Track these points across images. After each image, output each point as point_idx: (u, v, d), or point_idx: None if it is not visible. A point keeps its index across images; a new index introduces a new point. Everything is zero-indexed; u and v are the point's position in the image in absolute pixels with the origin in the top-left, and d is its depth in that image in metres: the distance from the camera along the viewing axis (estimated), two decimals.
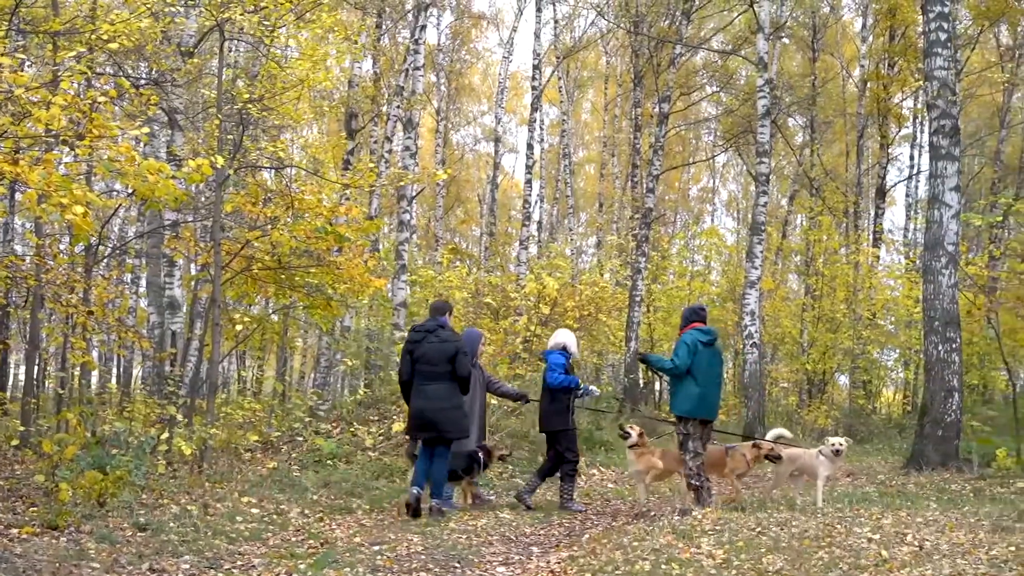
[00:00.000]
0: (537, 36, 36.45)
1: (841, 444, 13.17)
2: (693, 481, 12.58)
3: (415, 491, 12.07)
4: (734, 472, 13.52)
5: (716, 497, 12.96)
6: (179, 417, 14.60)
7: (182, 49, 18.74)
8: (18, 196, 20.61)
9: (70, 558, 8.35)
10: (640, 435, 13.30)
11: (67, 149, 12.88)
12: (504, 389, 14.86)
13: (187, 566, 8.42)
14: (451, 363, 12.41)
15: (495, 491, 14.88)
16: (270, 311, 25.44)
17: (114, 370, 31.40)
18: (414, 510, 11.97)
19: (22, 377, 30.07)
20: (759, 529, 9.90)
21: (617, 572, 8.38)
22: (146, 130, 11.45)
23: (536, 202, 42.72)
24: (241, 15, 15.00)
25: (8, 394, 22.96)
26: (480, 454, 13.44)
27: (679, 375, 12.48)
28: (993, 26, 36.14)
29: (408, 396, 12.79)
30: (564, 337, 14.04)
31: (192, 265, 24.87)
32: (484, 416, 14.42)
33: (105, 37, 12.31)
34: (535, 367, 20.56)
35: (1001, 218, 24.39)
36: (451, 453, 12.64)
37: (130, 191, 16.15)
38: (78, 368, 19.34)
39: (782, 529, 9.92)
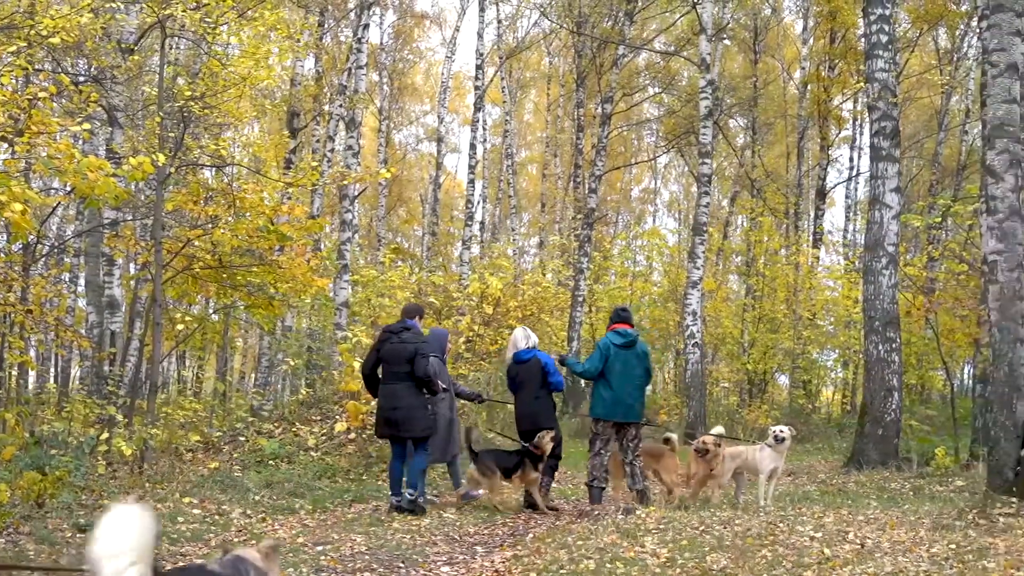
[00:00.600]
0: (480, 36, 36.52)
1: (783, 431, 13.15)
2: (594, 483, 12.87)
3: (395, 500, 12.49)
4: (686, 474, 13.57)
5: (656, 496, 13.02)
6: (119, 417, 14.45)
7: (122, 46, 18.55)
8: None
9: (9, 559, 8.24)
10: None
11: (3, 146, 12.72)
12: (459, 389, 14.86)
13: None
14: (410, 363, 12.59)
15: (438, 491, 14.85)
16: (211, 311, 25.23)
17: (52, 370, 31.02)
18: (416, 506, 12.44)
19: None
20: (702, 528, 9.94)
21: (562, 571, 8.37)
22: (87, 126, 11.29)
23: (479, 202, 42.75)
24: (183, 12, 14.88)
25: None
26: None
27: (593, 378, 12.70)
28: (931, 30, 36.53)
29: (372, 389, 13.12)
30: (529, 332, 14.31)
31: (132, 264, 24.68)
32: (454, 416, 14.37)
33: (44, 33, 12.17)
34: (478, 367, 20.55)
35: (940, 219, 24.65)
36: (495, 453, 13.35)
37: (69, 189, 15.98)
38: (15, 368, 19.08)
39: (725, 528, 9.97)
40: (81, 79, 17.64)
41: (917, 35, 36.03)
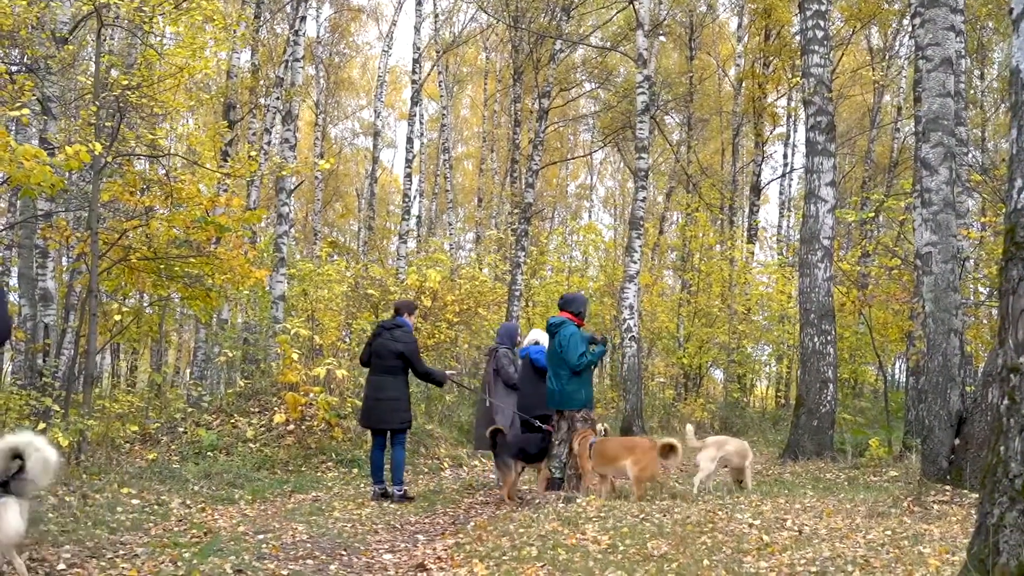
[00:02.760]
0: (417, 30, 36.51)
1: None
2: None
3: (377, 487, 13.02)
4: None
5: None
6: (55, 408, 14.32)
7: (56, 35, 18.36)
8: None
9: None
10: None
11: None
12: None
13: (68, 555, 8.26)
14: (399, 359, 13.24)
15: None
16: (146, 304, 25.04)
17: None
18: (389, 495, 12.90)
19: None
20: (642, 516, 10.01)
21: (504, 557, 8.40)
22: (26, 111, 11.20)
23: (415, 197, 42.67)
24: (119, 0, 14.77)
25: None
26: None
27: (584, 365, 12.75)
28: (864, 28, 36.89)
29: None
30: (539, 335, 14.56)
31: (64, 257, 24.41)
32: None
33: None
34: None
35: (873, 214, 24.90)
36: (522, 440, 13.45)
37: (3, 179, 15.80)
38: None
39: (665, 516, 10.04)
40: (13, 69, 17.45)
41: (850, 33, 36.34)
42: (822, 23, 18.23)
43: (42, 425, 13.26)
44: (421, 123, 42.11)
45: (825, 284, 17.58)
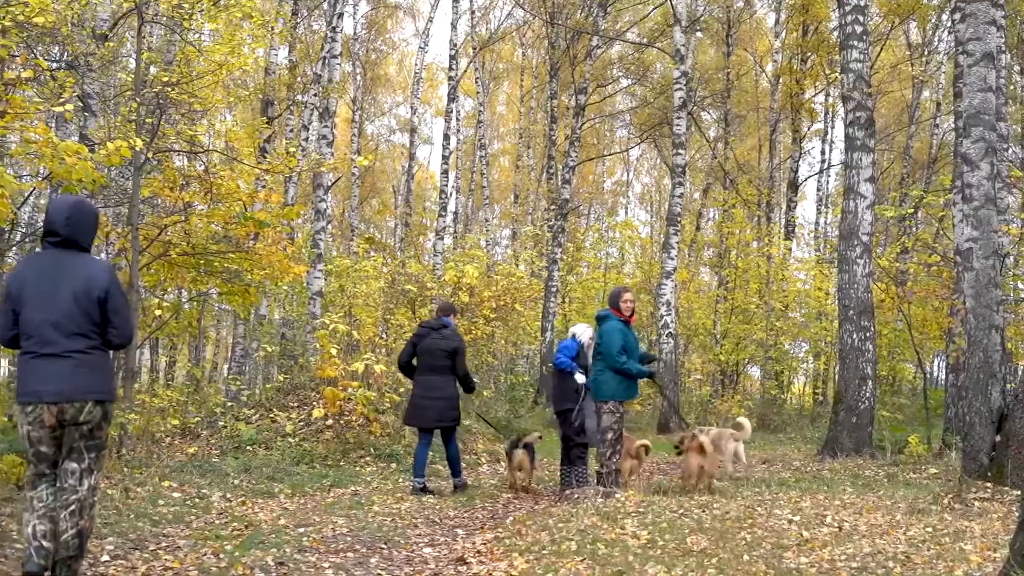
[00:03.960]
0: (454, 27, 36.52)
1: None
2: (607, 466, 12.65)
3: (417, 481, 13.08)
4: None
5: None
6: None
7: (96, 33, 18.47)
8: None
9: None
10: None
11: None
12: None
13: (112, 547, 8.32)
14: (449, 358, 13.45)
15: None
16: (184, 300, 25.16)
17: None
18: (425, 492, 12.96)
19: None
20: (681, 511, 10.01)
21: (544, 552, 8.41)
22: (70, 106, 11.28)
23: (452, 193, 42.72)
24: None
25: None
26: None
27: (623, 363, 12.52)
28: (903, 23, 36.70)
29: (409, 375, 14.03)
30: (576, 328, 14.52)
31: (104, 252, 24.56)
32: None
33: (20, 18, 12.12)
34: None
35: (912, 210, 24.75)
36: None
37: (45, 175, 15.89)
38: None
39: (704, 511, 10.03)
40: (54, 66, 17.57)
41: (889, 28, 36.16)
42: (861, 18, 18.14)
43: None
44: (457, 120, 42.20)
45: (864, 280, 17.49)
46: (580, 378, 13.61)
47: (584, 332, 14.30)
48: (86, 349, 6.64)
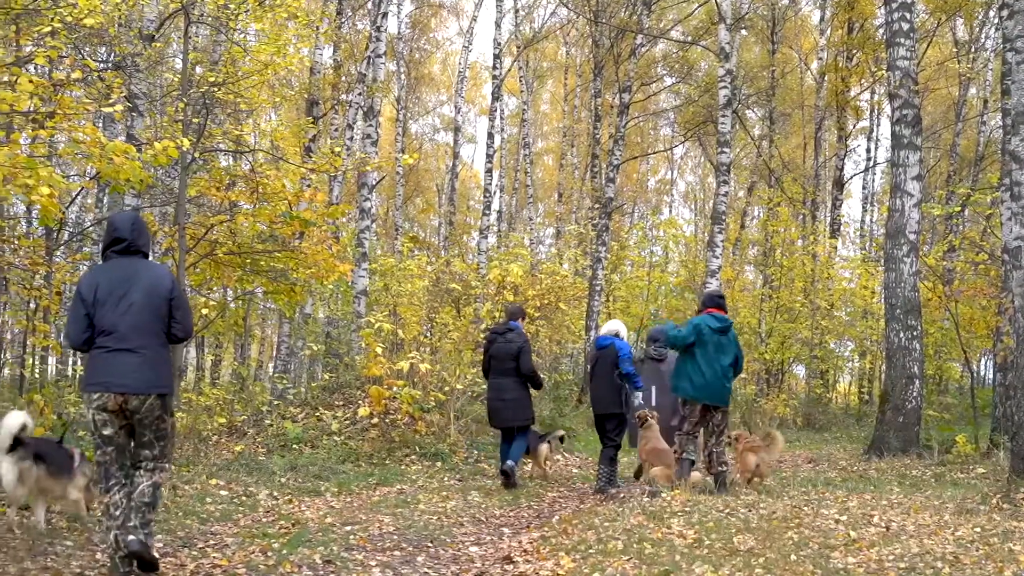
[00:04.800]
0: (498, 25, 36.55)
1: None
2: (683, 464, 12.65)
3: (509, 464, 13.71)
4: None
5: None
6: None
7: (143, 33, 18.60)
8: None
9: (43, 536, 8.33)
10: None
11: (25, 133, 12.78)
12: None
13: (160, 545, 8.38)
14: (515, 360, 14.03)
15: (461, 475, 14.95)
16: (230, 299, 25.32)
17: (69, 357, 31.15)
18: (510, 479, 13.61)
19: None
20: (728, 511, 9.98)
21: (590, 551, 8.41)
22: (119, 107, 11.38)
23: (496, 192, 42.72)
24: None
25: None
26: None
27: (680, 347, 12.67)
28: (949, 20, 36.44)
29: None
30: (618, 325, 14.53)
31: (150, 252, 24.70)
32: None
33: (69, 19, 12.21)
34: None
35: (959, 208, 24.59)
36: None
37: (93, 175, 16.03)
38: (38, 353, 19.14)
39: (750, 511, 10.01)
40: (101, 67, 17.70)
41: (935, 25, 35.91)
42: (908, 15, 18.03)
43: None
44: (501, 118, 42.16)
45: (911, 279, 17.38)
46: (638, 397, 14.00)
47: (624, 329, 14.51)
48: (153, 346, 7.34)
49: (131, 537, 7.10)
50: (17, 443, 8.36)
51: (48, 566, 7.39)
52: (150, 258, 7.94)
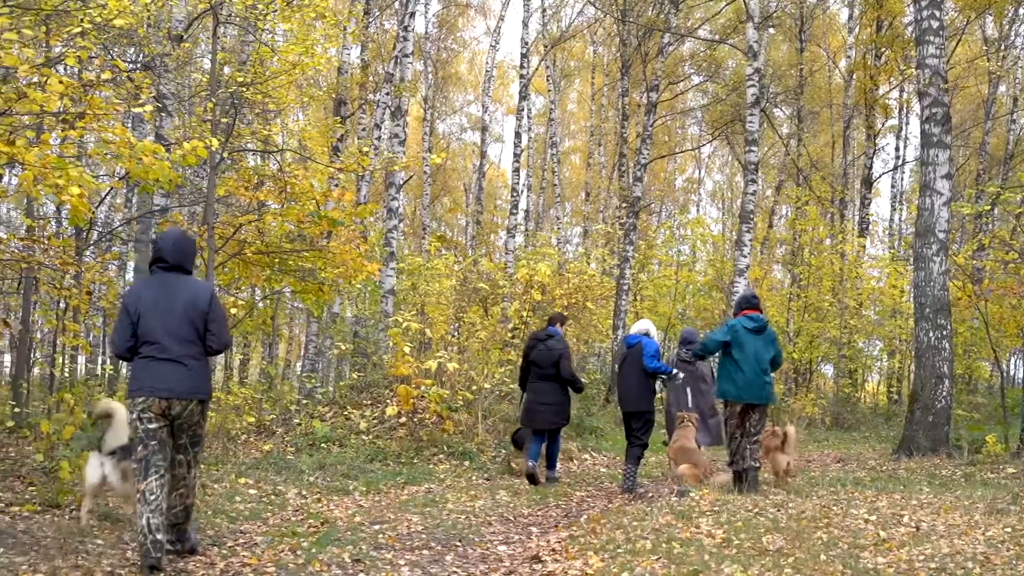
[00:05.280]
0: (525, 25, 36.57)
1: None
2: (733, 465, 12.71)
3: (531, 463, 14.03)
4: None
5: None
6: None
7: (172, 34, 18.68)
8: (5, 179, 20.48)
9: (74, 535, 8.38)
10: None
11: (56, 133, 12.84)
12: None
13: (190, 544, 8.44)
14: (555, 366, 14.45)
15: (489, 474, 14.97)
16: (259, 298, 25.39)
17: (99, 356, 31.29)
18: (533, 477, 13.97)
19: (6, 363, 29.97)
20: (756, 510, 9.96)
21: (619, 550, 8.41)
22: (149, 107, 11.42)
23: (523, 191, 42.72)
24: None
25: None
26: None
27: (711, 352, 13.01)
28: (979, 18, 36.25)
29: (524, 387, 15.09)
30: (648, 324, 14.54)
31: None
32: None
33: (99, 20, 12.25)
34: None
35: (989, 207, 24.46)
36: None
37: (122, 175, 16.08)
38: (67, 352, 19.21)
39: (779, 510, 9.99)
40: (132, 67, 17.78)
41: (965, 23, 35.72)
42: (937, 12, 17.94)
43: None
44: (529, 118, 42.18)
45: (940, 278, 17.30)
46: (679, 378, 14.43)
47: (654, 328, 14.64)
48: (193, 355, 7.98)
49: (154, 554, 7.50)
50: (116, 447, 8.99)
51: (79, 564, 7.43)
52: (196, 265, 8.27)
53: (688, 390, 15.25)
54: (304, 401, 18.41)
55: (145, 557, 7.46)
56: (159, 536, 7.52)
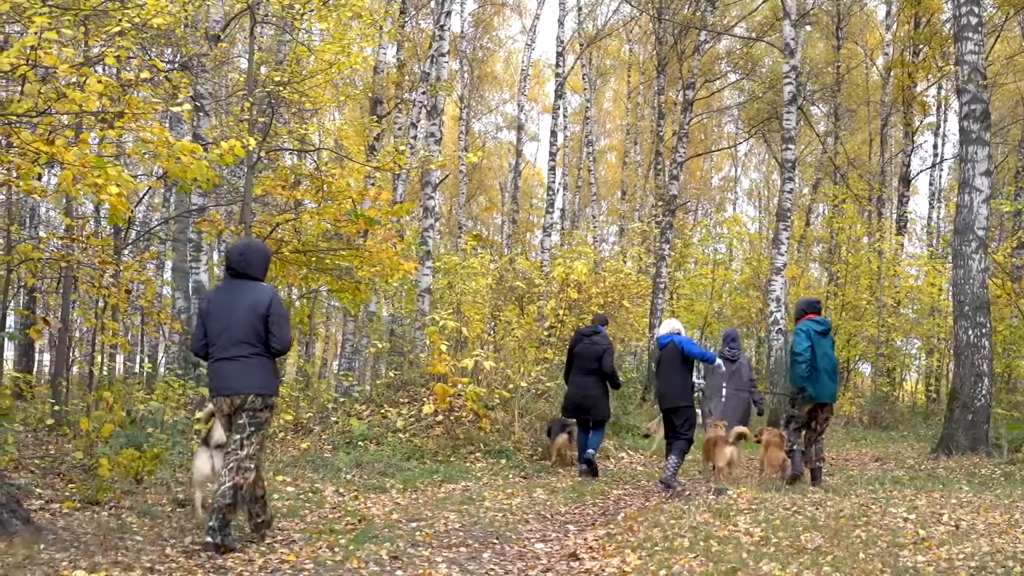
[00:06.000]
0: (560, 23, 36.56)
1: None
2: (795, 456, 13.14)
3: (589, 452, 14.80)
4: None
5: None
6: None
7: (209, 34, 18.77)
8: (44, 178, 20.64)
9: (114, 531, 8.44)
10: None
11: (94, 132, 12.91)
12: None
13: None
14: (598, 360, 14.98)
15: (526, 472, 14.99)
16: (295, 297, 25.49)
17: (138, 355, 31.52)
18: (592, 468, 14.74)
19: (46, 362, 30.22)
20: (795, 508, 9.94)
21: (656, 548, 8.39)
22: (187, 106, 11.48)
23: (559, 190, 42.72)
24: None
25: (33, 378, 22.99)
26: None
27: (808, 361, 12.94)
28: (1018, 13, 35.97)
29: (567, 379, 15.70)
30: (677, 324, 14.81)
31: (216, 251, 24.95)
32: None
33: (137, 20, 12.32)
34: (562, 351, 20.59)
35: None
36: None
37: (160, 174, 16.17)
38: (106, 351, 19.32)
39: (817, 509, 9.96)
40: (170, 67, 17.88)
41: (1003, 19, 35.44)
42: (976, 9, 17.81)
43: (199, 414, 13.60)
44: (564, 116, 42.16)
45: (980, 276, 17.18)
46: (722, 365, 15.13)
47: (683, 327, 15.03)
48: (251, 355, 8.60)
49: (207, 539, 8.17)
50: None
51: (119, 560, 7.47)
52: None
53: (725, 387, 15.62)
54: (341, 399, 18.46)
55: (209, 533, 8.18)
56: (227, 516, 8.26)
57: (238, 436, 8.53)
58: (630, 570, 7.77)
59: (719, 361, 14.60)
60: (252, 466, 8.61)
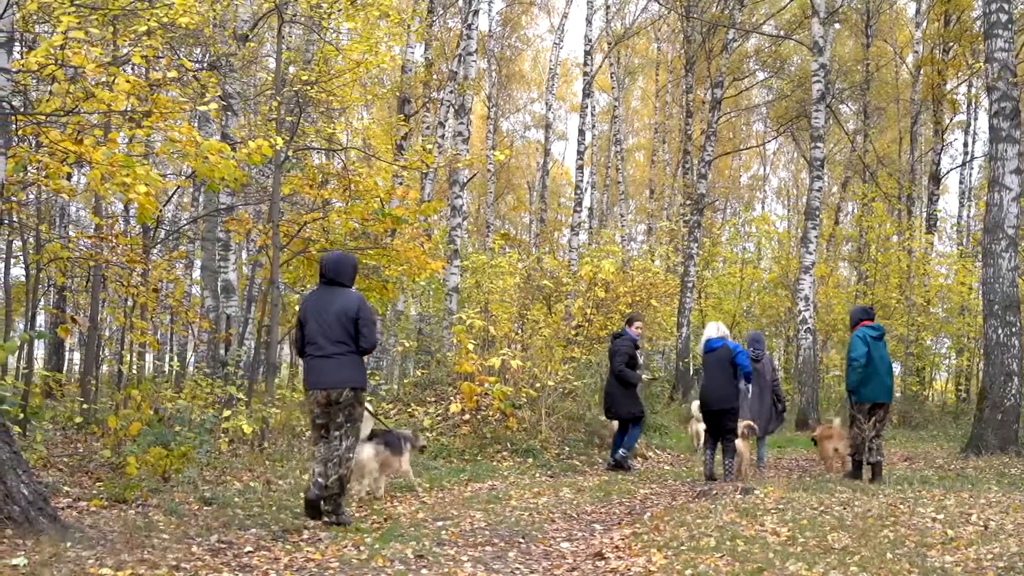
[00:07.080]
0: (589, 22, 36.52)
1: None
2: (855, 456, 13.82)
3: (621, 452, 15.63)
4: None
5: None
6: (240, 397, 14.73)
7: (237, 33, 18.81)
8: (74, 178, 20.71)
9: (140, 529, 8.45)
10: None
11: (123, 132, 12.97)
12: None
13: (254, 538, 8.50)
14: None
15: (553, 471, 14.98)
16: None
17: (167, 354, 31.62)
18: (621, 467, 15.50)
19: (76, 361, 30.34)
20: (821, 508, 9.89)
21: (682, 548, 8.36)
22: (214, 105, 11.52)
23: (587, 189, 42.67)
24: None
25: (63, 377, 23.09)
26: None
27: (864, 365, 13.46)
28: None
29: None
30: (724, 328, 15.19)
31: (244, 251, 25.01)
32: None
33: (165, 20, 12.35)
34: (589, 350, 20.59)
35: None
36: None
37: (188, 173, 16.22)
38: (135, 349, 19.39)
39: (845, 508, 9.91)
40: (198, 66, 17.93)
41: None
42: (1006, 6, 17.70)
43: (227, 412, 13.65)
44: (592, 115, 42.09)
45: (1010, 274, 17.08)
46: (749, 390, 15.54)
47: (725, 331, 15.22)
48: (344, 352, 9.61)
49: (325, 519, 9.48)
50: (372, 434, 11.39)
51: (144, 559, 7.49)
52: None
53: (749, 388, 15.55)
54: (368, 398, 18.49)
55: (308, 491, 9.50)
56: (320, 480, 9.44)
57: (338, 432, 9.57)
58: (656, 569, 7.74)
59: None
60: (351, 456, 9.70)
